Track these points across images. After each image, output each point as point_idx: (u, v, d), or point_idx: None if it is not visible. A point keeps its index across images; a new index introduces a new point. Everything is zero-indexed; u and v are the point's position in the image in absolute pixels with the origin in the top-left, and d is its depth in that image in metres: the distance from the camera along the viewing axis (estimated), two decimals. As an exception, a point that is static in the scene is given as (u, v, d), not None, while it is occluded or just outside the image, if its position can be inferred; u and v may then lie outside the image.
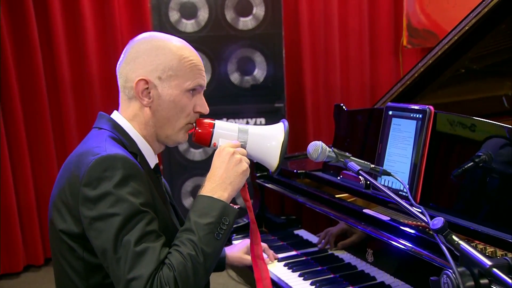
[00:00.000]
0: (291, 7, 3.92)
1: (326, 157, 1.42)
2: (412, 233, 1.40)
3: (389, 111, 1.68)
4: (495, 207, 1.40)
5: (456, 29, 1.82)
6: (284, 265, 1.82)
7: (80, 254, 1.26)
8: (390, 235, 1.45)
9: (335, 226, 1.69)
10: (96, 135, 1.32)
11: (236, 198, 2.85)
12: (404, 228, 1.44)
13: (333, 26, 3.99)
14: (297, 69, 3.99)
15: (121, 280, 1.14)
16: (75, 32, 3.67)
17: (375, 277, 1.53)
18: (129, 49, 1.35)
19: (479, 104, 2.41)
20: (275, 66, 3.46)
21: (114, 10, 3.69)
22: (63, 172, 1.30)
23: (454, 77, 2.17)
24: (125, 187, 1.17)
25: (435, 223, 0.97)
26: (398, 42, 4.11)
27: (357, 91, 4.13)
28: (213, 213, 1.23)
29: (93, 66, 3.70)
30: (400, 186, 1.58)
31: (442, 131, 1.55)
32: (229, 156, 1.29)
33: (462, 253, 0.92)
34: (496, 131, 1.42)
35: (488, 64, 2.26)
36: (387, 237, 1.45)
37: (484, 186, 1.43)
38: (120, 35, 3.73)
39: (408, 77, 2.02)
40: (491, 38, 1.95)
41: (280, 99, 3.50)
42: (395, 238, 1.43)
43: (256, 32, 3.42)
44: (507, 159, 1.36)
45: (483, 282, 0.89)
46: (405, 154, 1.59)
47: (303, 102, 4.04)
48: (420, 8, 3.84)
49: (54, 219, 1.29)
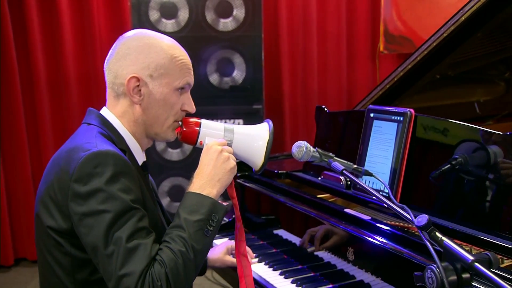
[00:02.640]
0: (271, 10, 3.95)
1: (310, 157, 1.45)
2: (393, 232, 1.44)
3: (370, 113, 1.72)
4: (471, 207, 1.45)
5: (435, 36, 1.87)
6: (265, 264, 1.84)
7: (68, 250, 1.25)
8: (371, 233, 1.49)
9: (317, 227, 1.72)
10: (85, 131, 1.32)
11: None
12: (385, 227, 1.48)
13: (311, 30, 4.04)
14: (275, 71, 4.03)
15: (113, 276, 1.14)
16: (51, 29, 3.62)
17: (355, 275, 1.57)
18: (119, 45, 1.35)
19: (453, 109, 2.48)
20: (254, 68, 3.48)
21: (93, 7, 3.65)
22: (51, 167, 1.29)
23: (430, 82, 2.23)
24: (116, 184, 1.18)
25: (419, 220, 1.01)
26: (375, 47, 4.18)
27: (334, 94, 4.18)
28: (202, 210, 1.24)
29: (70, 65, 3.65)
30: (381, 187, 1.62)
31: (422, 133, 1.59)
32: (217, 153, 1.31)
33: (445, 249, 0.96)
34: (471, 134, 1.47)
35: (462, 71, 2.33)
36: (368, 236, 1.49)
37: (460, 187, 1.48)
38: (98, 34, 3.69)
39: (388, 81, 2.07)
40: (467, 46, 2.01)
41: (258, 101, 3.53)
42: (376, 237, 1.47)
43: (236, 34, 3.43)
44: (480, 162, 1.42)
45: (465, 276, 0.93)
46: (386, 156, 1.64)
47: (281, 104, 4.08)
48: (397, 14, 3.92)
49: (41, 215, 1.28)
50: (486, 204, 1.41)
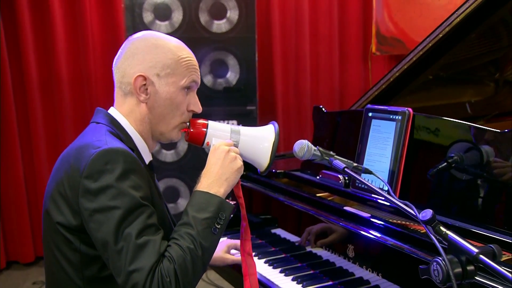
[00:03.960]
0: (264, 12, 3.98)
1: (311, 155, 1.47)
2: (393, 228, 1.47)
3: (369, 113, 1.75)
4: (466, 203, 1.49)
5: (431, 37, 1.91)
6: (264, 262, 1.85)
7: (77, 246, 1.26)
8: (371, 230, 1.52)
9: (315, 225, 1.74)
10: (94, 129, 1.33)
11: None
12: (385, 223, 1.50)
13: (304, 32, 4.08)
14: (269, 72, 4.06)
15: (122, 271, 1.15)
16: (43, 30, 3.61)
17: (354, 272, 1.59)
18: (127, 45, 1.37)
19: (444, 110, 2.52)
20: (248, 69, 3.50)
21: (85, 8, 3.64)
22: (60, 165, 1.31)
23: (423, 83, 2.27)
24: (126, 181, 1.19)
25: (423, 215, 1.04)
26: (367, 48, 4.23)
27: (326, 95, 4.22)
28: (210, 208, 1.26)
29: (62, 66, 3.64)
30: (381, 184, 1.65)
31: (420, 132, 1.63)
32: (225, 153, 1.33)
33: (450, 242, 0.99)
34: (466, 132, 1.51)
35: (454, 71, 2.37)
36: (368, 233, 1.52)
37: (456, 184, 1.52)
38: (91, 35, 3.68)
39: (383, 81, 2.10)
40: (461, 47, 2.06)
41: (252, 102, 3.55)
42: (376, 234, 1.49)
43: (229, 35, 3.45)
44: (474, 160, 1.46)
45: (470, 268, 0.95)
46: (385, 154, 1.67)
47: (274, 105, 4.10)
48: (389, 16, 3.97)
49: (50, 211, 1.29)
50: (480, 200, 1.45)
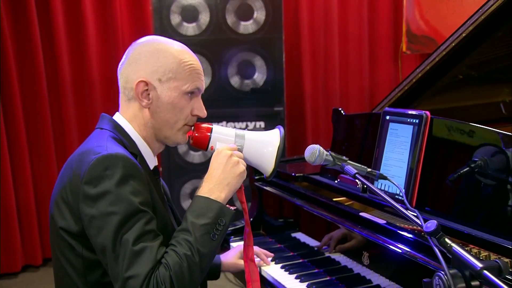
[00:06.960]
0: (292, 12, 3.95)
1: (323, 160, 1.44)
2: (408, 236, 1.42)
3: (386, 116, 1.70)
4: (490, 212, 1.42)
5: (454, 36, 1.84)
6: (281, 267, 1.83)
7: (79, 252, 1.28)
8: (386, 238, 1.47)
9: (335, 231, 1.71)
10: (97, 135, 1.35)
11: (234, 200, 2.87)
12: (400, 231, 1.46)
13: (333, 31, 4.02)
14: (296, 73, 4.02)
15: (119, 277, 1.16)
16: (76, 33, 3.69)
17: (371, 280, 1.55)
18: (131, 51, 1.38)
19: (477, 110, 2.43)
20: (275, 70, 3.48)
21: (116, 12, 3.71)
22: (64, 170, 1.33)
23: (452, 83, 2.19)
24: (125, 186, 1.20)
25: (428, 225, 0.99)
26: (398, 47, 4.13)
27: (356, 96, 4.15)
28: (209, 214, 1.25)
29: (94, 68, 3.72)
30: (397, 190, 1.60)
31: (438, 136, 1.57)
32: (227, 158, 1.32)
33: (454, 256, 0.94)
34: (490, 137, 1.44)
35: (486, 70, 2.28)
36: (383, 240, 1.47)
37: (479, 191, 1.45)
38: (121, 38, 3.75)
39: (406, 83, 2.04)
40: (488, 45, 1.97)
41: (279, 103, 3.53)
42: (391, 241, 1.45)
43: (256, 36, 3.44)
44: (501, 165, 1.39)
45: (474, 284, 0.90)
46: (402, 159, 1.62)
47: (302, 106, 4.06)
48: (420, 14, 3.86)
49: (54, 216, 1.31)
50: (505, 208, 1.37)
